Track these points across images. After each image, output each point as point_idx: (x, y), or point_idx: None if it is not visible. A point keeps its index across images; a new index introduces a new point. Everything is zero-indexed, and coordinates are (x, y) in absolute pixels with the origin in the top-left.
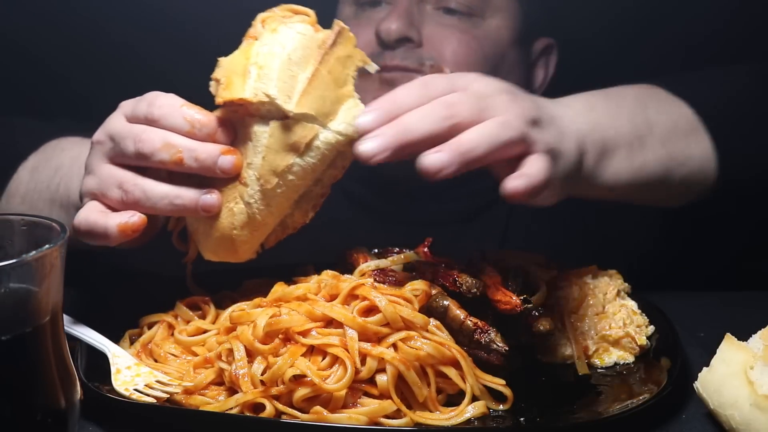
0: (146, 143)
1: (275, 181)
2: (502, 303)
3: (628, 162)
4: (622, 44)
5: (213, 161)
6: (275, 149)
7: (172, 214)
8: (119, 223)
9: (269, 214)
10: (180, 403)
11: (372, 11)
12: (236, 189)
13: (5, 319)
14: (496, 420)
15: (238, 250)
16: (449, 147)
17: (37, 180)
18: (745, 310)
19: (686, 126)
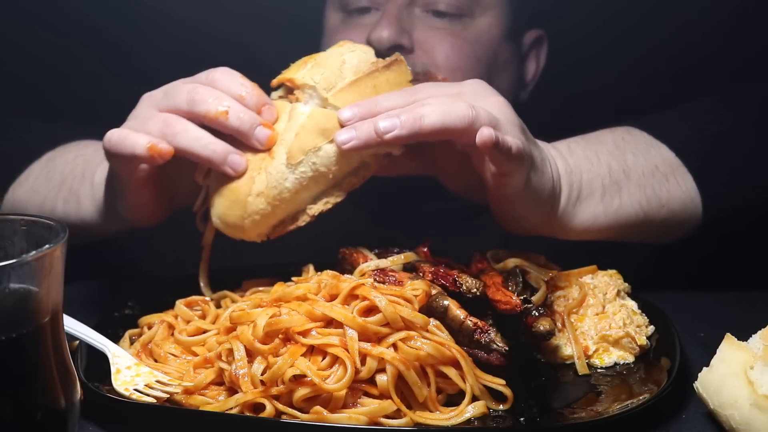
0: (199, 93)
1: (300, 159)
2: (502, 303)
3: (603, 206)
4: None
5: (252, 126)
6: (308, 130)
7: (201, 158)
8: (150, 141)
9: (287, 193)
10: (180, 403)
11: (360, 18)
12: (263, 161)
13: (5, 319)
14: (496, 420)
15: (245, 221)
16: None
17: (50, 169)
18: (745, 310)
19: (666, 168)
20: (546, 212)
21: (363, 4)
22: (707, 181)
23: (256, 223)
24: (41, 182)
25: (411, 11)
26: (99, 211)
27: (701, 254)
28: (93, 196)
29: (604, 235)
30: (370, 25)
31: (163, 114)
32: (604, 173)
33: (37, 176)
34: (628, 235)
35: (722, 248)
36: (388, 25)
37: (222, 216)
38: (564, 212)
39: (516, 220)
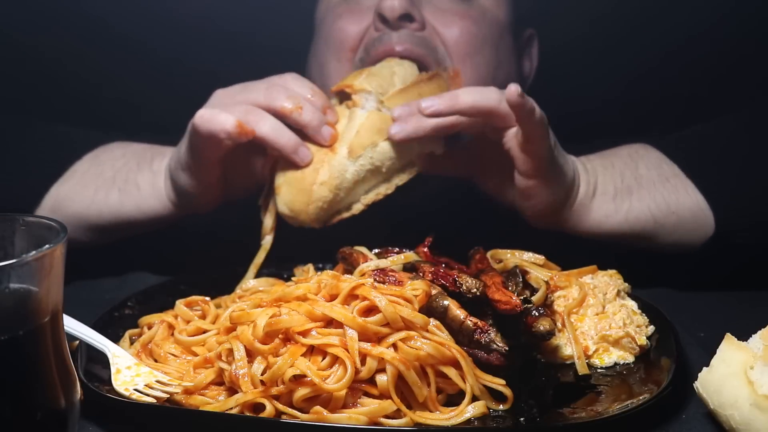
0: (275, 90)
1: (360, 153)
2: (502, 303)
3: (614, 205)
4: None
5: (320, 124)
6: (367, 128)
7: (276, 145)
8: (239, 118)
9: (348, 183)
10: (180, 403)
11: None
12: (325, 155)
13: (5, 319)
14: (496, 420)
15: (309, 206)
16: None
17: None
18: (745, 310)
19: (677, 182)
20: (565, 197)
21: None
22: (717, 198)
23: (319, 209)
24: (90, 177)
25: None
26: (158, 197)
27: (701, 254)
28: (153, 182)
29: (617, 237)
30: (365, 7)
31: (244, 107)
32: (617, 178)
33: (84, 172)
34: (640, 239)
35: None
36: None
37: (289, 203)
38: (581, 204)
39: (538, 201)
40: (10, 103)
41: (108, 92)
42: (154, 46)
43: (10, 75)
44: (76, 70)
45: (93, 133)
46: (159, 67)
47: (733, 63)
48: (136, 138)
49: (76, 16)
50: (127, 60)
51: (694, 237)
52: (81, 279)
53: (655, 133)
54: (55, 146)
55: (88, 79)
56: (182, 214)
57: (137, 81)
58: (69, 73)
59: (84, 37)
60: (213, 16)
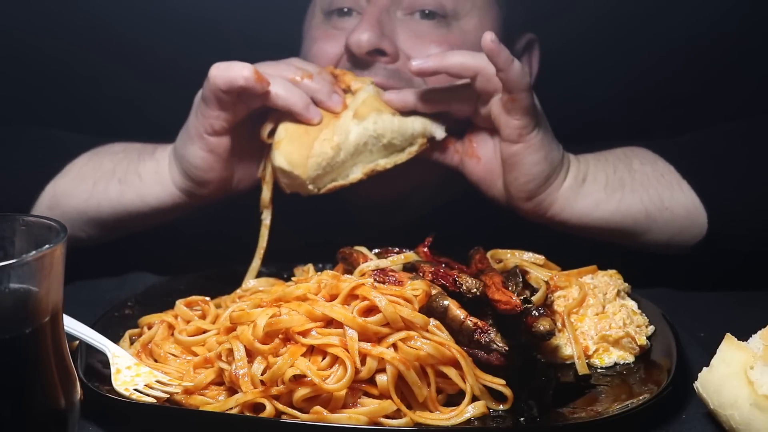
0: (282, 64)
1: (365, 115)
2: (502, 303)
3: (605, 194)
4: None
5: (331, 91)
6: (372, 99)
7: (288, 101)
8: (255, 67)
9: (348, 145)
10: (180, 403)
11: (340, 21)
12: (331, 119)
13: (5, 319)
14: (496, 420)
15: (309, 160)
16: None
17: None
18: (745, 310)
19: (672, 178)
20: (551, 171)
21: (345, 3)
22: (713, 203)
23: (317, 166)
24: (88, 171)
25: (393, 15)
26: (162, 183)
27: (692, 256)
28: (156, 169)
29: (608, 230)
30: (348, 29)
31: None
32: (609, 169)
33: (82, 166)
34: (631, 234)
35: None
36: (368, 27)
37: (287, 155)
38: (570, 188)
39: (523, 172)
40: (10, 101)
41: (108, 92)
42: (154, 46)
43: (9, 75)
44: (76, 70)
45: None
46: (159, 66)
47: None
48: (137, 140)
49: (76, 16)
50: (127, 59)
51: (686, 236)
52: (81, 279)
53: (653, 136)
54: (53, 145)
55: (88, 78)
56: (187, 201)
57: (138, 81)
58: (68, 73)
59: (84, 37)
60: (213, 15)
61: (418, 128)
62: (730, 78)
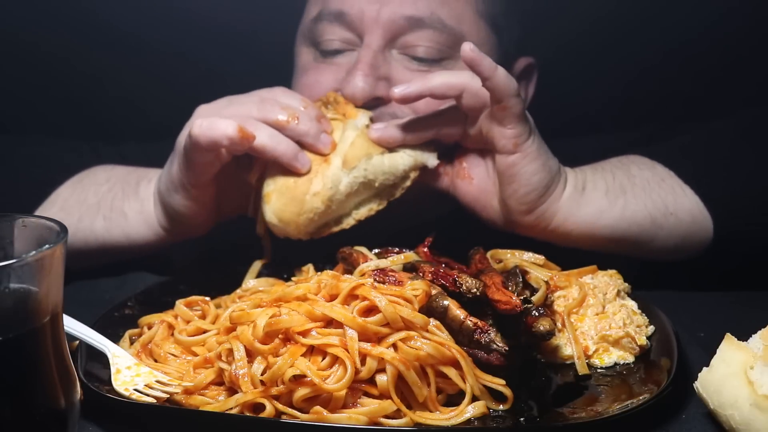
0: (267, 104)
1: (355, 164)
2: (502, 303)
3: (608, 201)
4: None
5: (318, 132)
6: (362, 141)
7: (276, 153)
8: (239, 125)
9: (340, 195)
10: (180, 403)
11: (333, 58)
12: (320, 166)
13: (5, 319)
14: (496, 420)
15: (300, 217)
16: None
17: (80, 191)
18: (745, 310)
19: (673, 182)
20: (550, 181)
21: (335, 46)
22: (717, 206)
23: (309, 221)
24: (72, 203)
25: (388, 54)
26: (148, 224)
27: (701, 254)
28: (141, 209)
29: (614, 239)
30: (343, 66)
31: (239, 121)
32: (608, 177)
33: (67, 198)
34: (636, 243)
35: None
36: (362, 75)
37: (278, 212)
38: (570, 198)
39: (521, 184)
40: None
41: (110, 91)
42: (156, 45)
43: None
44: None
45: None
46: (161, 66)
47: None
48: (140, 139)
49: (77, 15)
50: (129, 59)
51: (693, 241)
52: (81, 279)
53: (652, 139)
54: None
55: (90, 78)
56: (174, 240)
57: (140, 80)
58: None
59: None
60: (215, 14)
61: (409, 162)
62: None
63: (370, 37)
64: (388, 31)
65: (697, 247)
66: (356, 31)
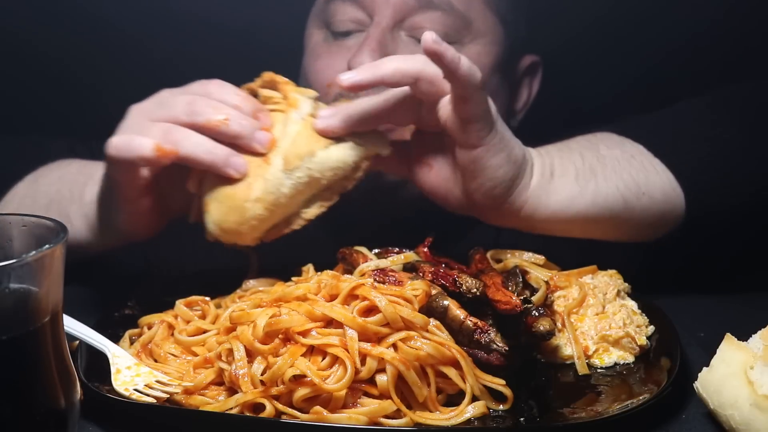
0: (197, 104)
1: (297, 164)
2: (502, 303)
3: (578, 186)
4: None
5: (252, 131)
6: (304, 136)
7: (204, 163)
8: (157, 143)
9: (284, 198)
10: (180, 403)
11: (343, 40)
12: (259, 168)
13: (5, 319)
14: (496, 420)
15: (242, 226)
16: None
17: (34, 190)
18: (745, 310)
19: (643, 158)
20: (516, 172)
21: (347, 27)
22: (689, 180)
23: (253, 228)
24: (27, 204)
25: (396, 35)
26: (92, 229)
27: (701, 255)
28: (84, 214)
29: (581, 224)
30: (352, 48)
31: (161, 123)
32: (576, 159)
33: (23, 197)
34: (607, 227)
35: (722, 249)
36: (370, 51)
37: (219, 222)
38: (539, 187)
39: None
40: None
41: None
42: (152, 44)
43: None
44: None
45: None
46: (157, 65)
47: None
48: None
49: (73, 14)
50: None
51: (666, 219)
52: (81, 279)
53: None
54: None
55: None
56: (119, 245)
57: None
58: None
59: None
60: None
61: (359, 153)
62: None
63: (380, 16)
64: (398, 10)
65: (670, 225)
66: (367, 10)
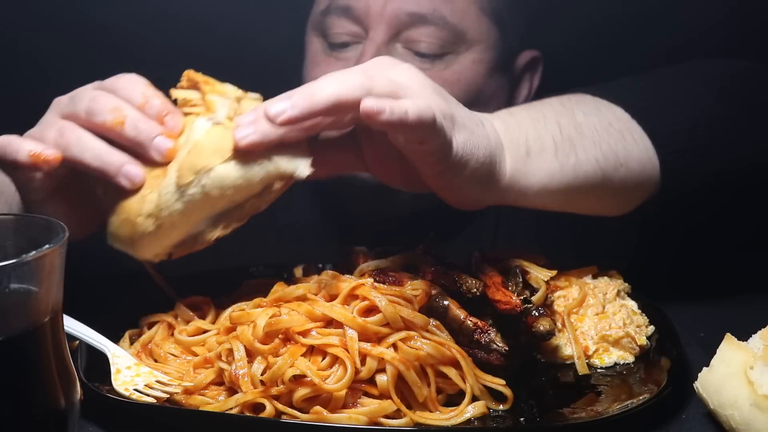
0: (98, 102)
1: (190, 179)
2: (502, 303)
3: (558, 163)
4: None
5: (151, 136)
6: (203, 147)
7: (93, 169)
8: (32, 150)
9: (177, 215)
10: (180, 403)
11: (342, 52)
12: (156, 179)
13: (5, 319)
14: (496, 420)
15: (136, 241)
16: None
17: None
18: (745, 310)
19: (620, 125)
20: (491, 175)
21: (343, 39)
22: (665, 145)
23: (148, 244)
24: None
25: (392, 48)
26: None
27: (701, 255)
28: None
29: (561, 200)
30: (352, 61)
31: (62, 122)
32: (554, 130)
33: None
34: (585, 200)
35: (722, 249)
36: None
37: (113, 233)
38: (515, 172)
39: (461, 191)
40: None
41: None
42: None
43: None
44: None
45: None
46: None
47: None
48: None
49: (70, 16)
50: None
51: (641, 190)
52: (81, 279)
53: None
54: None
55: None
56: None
57: None
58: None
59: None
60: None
61: (269, 172)
62: None
63: (374, 32)
64: (391, 26)
65: (644, 196)
66: (362, 24)
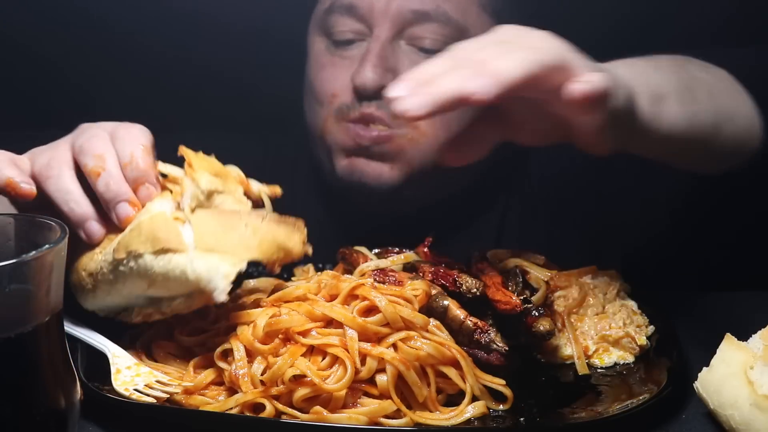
0: (90, 143)
1: (122, 256)
2: (502, 303)
3: (681, 108)
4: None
5: (116, 199)
6: (143, 229)
7: (61, 211)
8: (9, 177)
9: (106, 284)
10: (180, 403)
11: (345, 50)
12: (110, 242)
13: (5, 319)
14: (496, 420)
15: (78, 292)
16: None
17: None
18: (745, 310)
19: (729, 84)
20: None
21: (347, 36)
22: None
23: (89, 300)
24: None
25: (396, 46)
26: None
27: (701, 255)
28: None
29: (678, 148)
30: (356, 59)
31: (57, 152)
32: (673, 79)
33: None
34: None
35: (722, 249)
36: (372, 66)
37: (70, 281)
38: (646, 117)
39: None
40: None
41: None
42: (153, 44)
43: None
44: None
45: None
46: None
47: None
48: None
49: (72, 14)
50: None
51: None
52: None
53: None
54: None
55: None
56: None
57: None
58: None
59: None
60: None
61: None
62: None
63: (378, 29)
64: (395, 23)
65: (743, 158)
66: (366, 22)
